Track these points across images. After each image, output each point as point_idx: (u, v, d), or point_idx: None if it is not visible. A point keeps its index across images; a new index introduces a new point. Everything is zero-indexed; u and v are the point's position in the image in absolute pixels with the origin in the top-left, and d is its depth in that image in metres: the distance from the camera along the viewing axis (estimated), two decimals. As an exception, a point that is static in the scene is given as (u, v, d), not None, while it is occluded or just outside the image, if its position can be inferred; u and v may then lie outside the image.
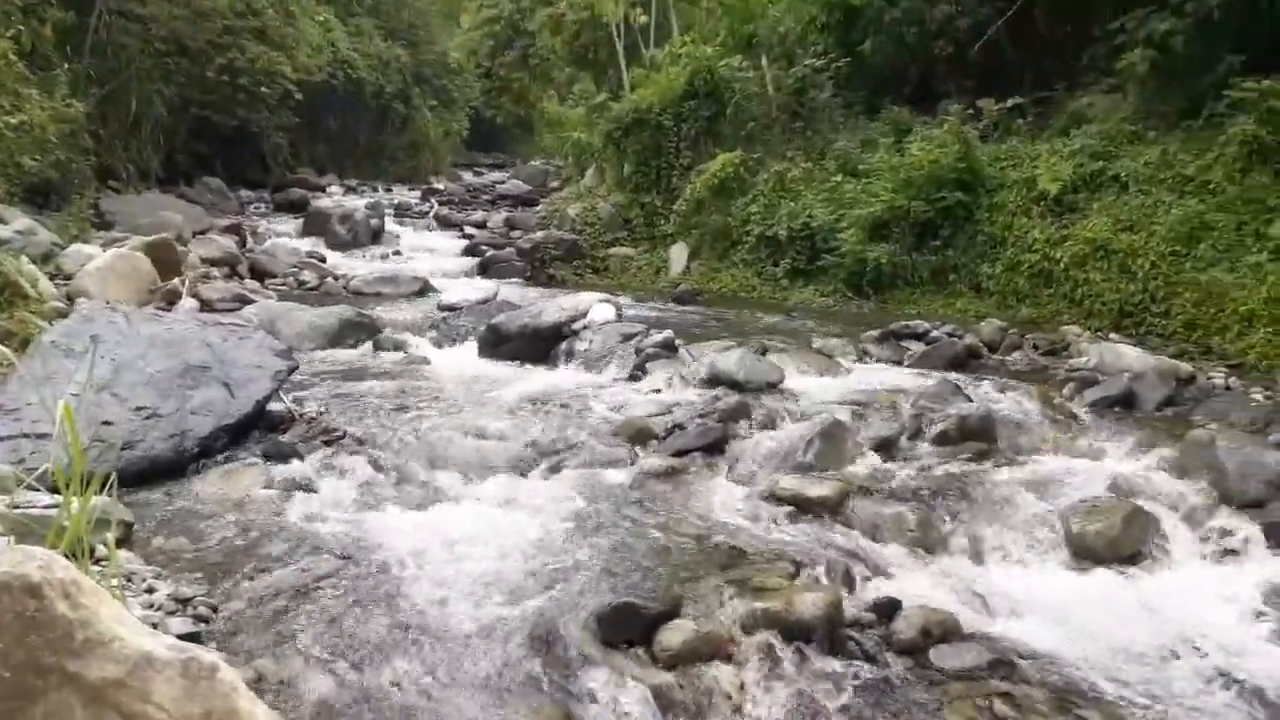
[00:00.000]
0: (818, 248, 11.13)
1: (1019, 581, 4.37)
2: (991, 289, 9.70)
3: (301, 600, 3.55)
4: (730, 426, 5.80)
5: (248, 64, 18.92)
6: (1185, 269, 8.22)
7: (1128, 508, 4.70)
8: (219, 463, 5.00)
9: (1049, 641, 3.85)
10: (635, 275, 12.97)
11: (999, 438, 5.66)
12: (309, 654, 3.18)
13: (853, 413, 5.98)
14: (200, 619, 3.31)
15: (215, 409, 5.20)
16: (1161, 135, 9.59)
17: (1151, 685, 3.59)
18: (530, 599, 3.69)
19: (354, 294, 10.91)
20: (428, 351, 7.84)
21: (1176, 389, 6.52)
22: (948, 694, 3.43)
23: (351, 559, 3.92)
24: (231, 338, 5.89)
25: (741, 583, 3.91)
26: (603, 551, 4.18)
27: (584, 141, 16.63)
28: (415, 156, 28.90)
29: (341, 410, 5.92)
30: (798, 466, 5.32)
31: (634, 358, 7.20)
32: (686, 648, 3.44)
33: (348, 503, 4.63)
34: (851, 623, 3.77)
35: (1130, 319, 8.48)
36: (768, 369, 6.72)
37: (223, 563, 3.84)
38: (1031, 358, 7.77)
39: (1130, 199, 9.07)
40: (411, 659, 3.24)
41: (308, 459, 5.08)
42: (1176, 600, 4.26)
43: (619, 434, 5.71)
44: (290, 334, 7.58)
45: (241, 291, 9.75)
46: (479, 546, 4.15)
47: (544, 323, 7.78)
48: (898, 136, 11.70)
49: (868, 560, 4.41)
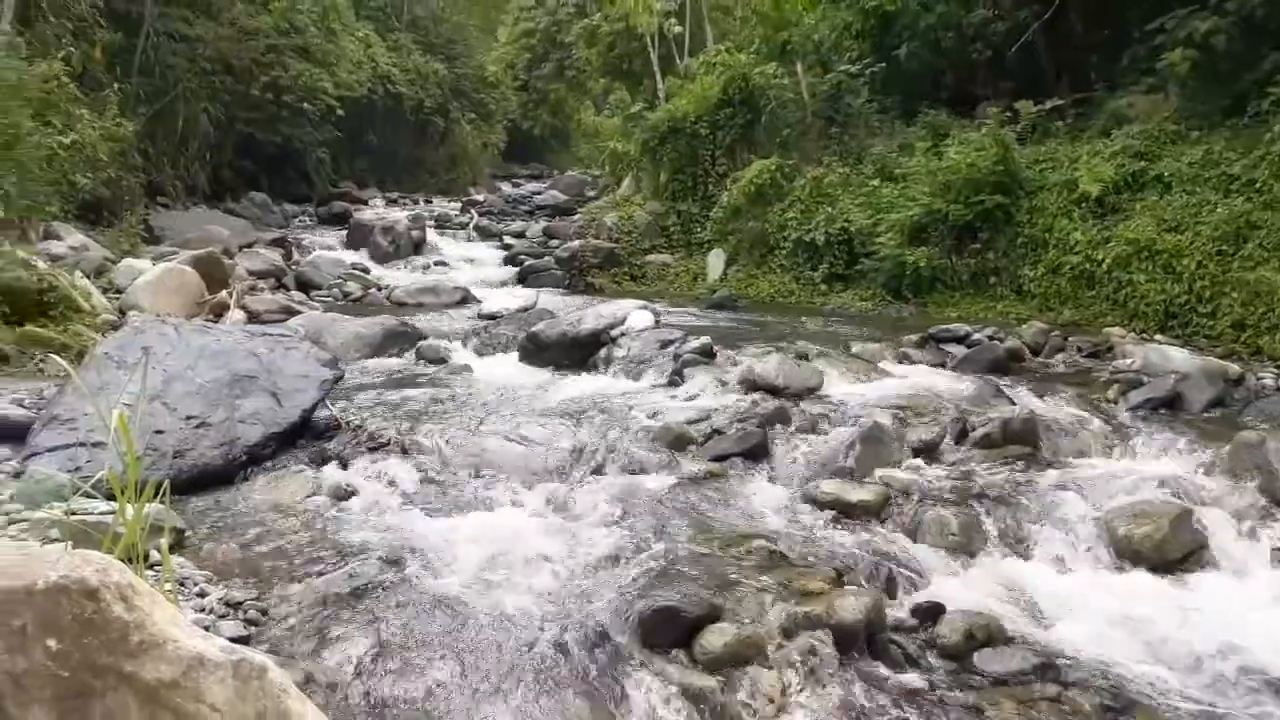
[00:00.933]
0: (855, 252, 11.09)
1: (1064, 585, 4.33)
2: (1033, 291, 9.61)
3: (349, 604, 3.61)
4: (770, 431, 5.81)
5: (291, 81, 19.27)
6: (1232, 268, 8.08)
7: (1175, 511, 4.64)
8: (267, 470, 5.11)
9: (1095, 646, 3.81)
10: (673, 282, 13.00)
11: (1042, 441, 5.61)
12: (356, 657, 3.24)
13: (894, 417, 5.95)
14: (251, 622, 3.39)
15: (263, 418, 5.31)
16: (1205, 134, 9.45)
17: (1200, 691, 3.54)
18: (572, 602, 3.73)
19: (397, 304, 11.05)
20: (469, 359, 7.93)
21: (1224, 390, 6.42)
22: (992, 698, 3.41)
23: (397, 564, 3.98)
24: (278, 348, 6.01)
25: (783, 586, 3.91)
26: (643, 556, 4.20)
27: (620, 151, 16.71)
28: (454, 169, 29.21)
29: (386, 418, 6.00)
30: (838, 471, 5.31)
31: (672, 364, 7.22)
32: (728, 651, 3.45)
33: (393, 508, 4.70)
34: (894, 627, 3.76)
35: (1176, 320, 8.36)
36: (807, 374, 6.71)
37: (272, 568, 3.92)
38: (1075, 360, 7.68)
39: (1174, 199, 8.94)
40: (456, 661, 3.28)
41: (353, 466, 5.17)
42: (1225, 604, 4.19)
43: (658, 439, 5.73)
44: (335, 344, 7.71)
45: (287, 303, 9.92)
46: (521, 551, 4.19)
47: (583, 330, 7.83)
48: (935, 140, 11.63)
49: (910, 564, 4.39)
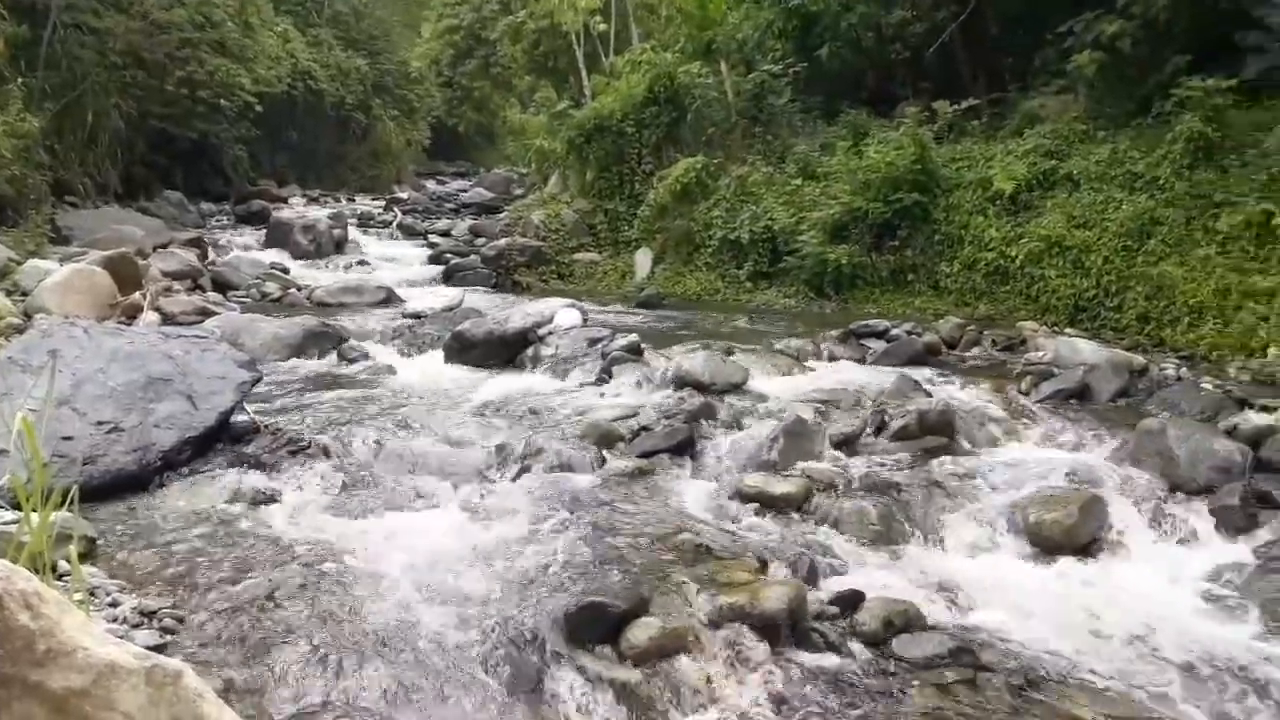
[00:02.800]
0: (779, 250, 11.24)
1: (978, 571, 4.47)
2: (949, 287, 9.86)
3: (269, 610, 3.55)
4: (696, 427, 5.87)
5: (206, 76, 18.77)
6: (1137, 264, 8.41)
7: (1083, 497, 4.82)
8: (184, 475, 4.98)
9: (1008, 629, 3.94)
10: (601, 280, 13.01)
11: (958, 431, 5.77)
12: (277, 663, 3.19)
13: (816, 411, 6.07)
14: (167, 630, 3.31)
15: (179, 421, 5.18)
16: (1111, 134, 9.81)
17: (1107, 668, 3.68)
18: (498, 602, 3.72)
19: (318, 304, 10.85)
20: (393, 360, 7.83)
21: (1130, 380, 6.67)
22: (910, 683, 3.51)
23: (318, 568, 3.92)
24: (194, 350, 5.86)
25: (708, 579, 3.97)
26: (570, 553, 4.21)
27: (547, 149, 16.66)
28: (378, 166, 28.78)
29: (307, 420, 5.91)
30: (762, 464, 5.39)
31: (600, 362, 7.24)
32: (654, 644, 3.48)
33: (314, 512, 4.63)
34: (816, 615, 3.84)
35: (1085, 314, 8.66)
36: (732, 370, 6.80)
37: (189, 575, 3.83)
38: (989, 353, 7.91)
39: (1083, 196, 9.27)
40: (381, 664, 3.25)
41: (273, 469, 5.08)
42: (1131, 586, 4.38)
43: (585, 437, 5.75)
44: (254, 345, 7.54)
45: (204, 304, 9.67)
46: (446, 551, 4.17)
47: (510, 329, 7.80)
48: (855, 139, 11.85)
49: (831, 554, 4.49)
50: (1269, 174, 7.98)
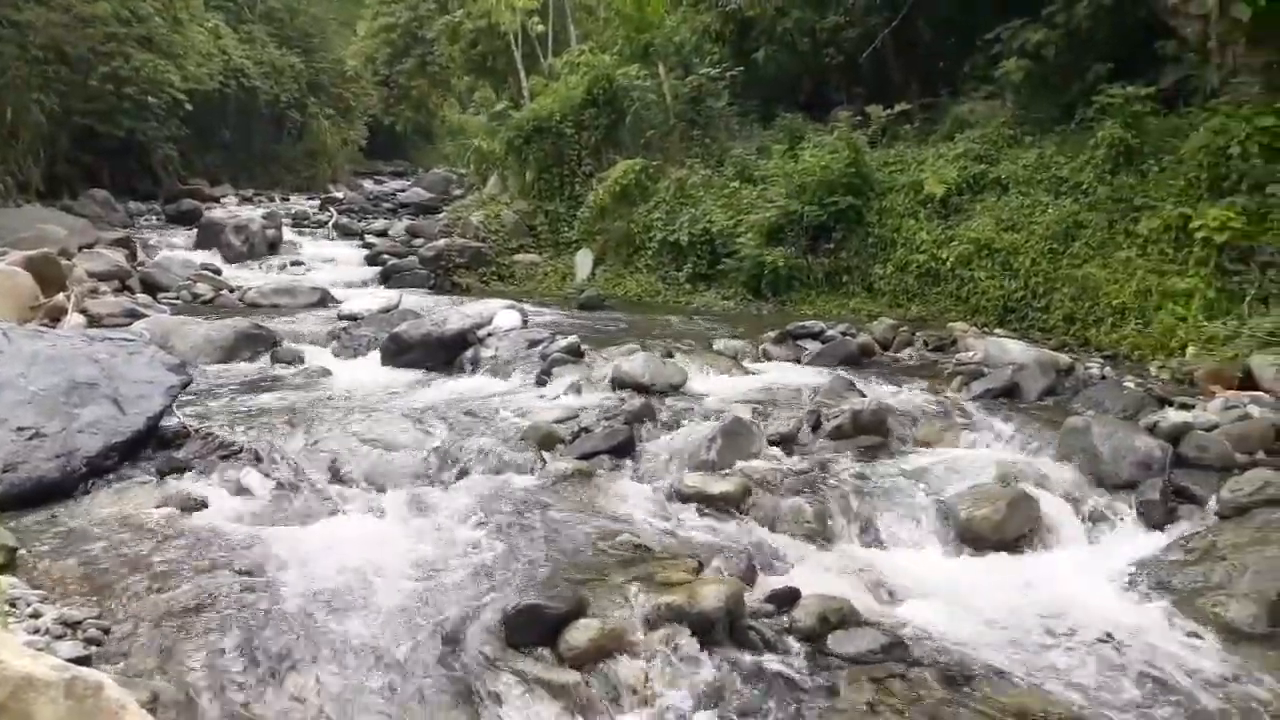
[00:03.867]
0: (718, 252, 11.33)
1: (911, 568, 4.56)
2: (883, 289, 10.04)
3: (199, 619, 3.47)
4: (636, 428, 5.89)
5: (133, 72, 18.29)
6: (1062, 266, 8.66)
7: (1012, 493, 4.95)
8: (110, 482, 4.85)
9: (940, 624, 4.03)
10: (541, 282, 12.98)
11: (891, 430, 5.89)
12: (207, 673, 3.13)
13: (753, 411, 6.14)
14: (92, 641, 3.22)
15: (104, 427, 5.04)
16: (1038, 139, 10.08)
17: (1034, 660, 3.80)
18: (435, 606, 3.70)
19: (251, 306, 10.64)
20: (328, 362, 7.72)
21: (1057, 379, 6.86)
22: (845, 679, 3.57)
23: (251, 575, 3.85)
24: (121, 353, 5.71)
25: (646, 579, 3.99)
26: (509, 556, 4.21)
27: (485, 149, 16.56)
28: (313, 165, 28.31)
29: (239, 425, 5.79)
30: (701, 464, 5.44)
31: (540, 363, 7.23)
32: (592, 645, 3.49)
33: (246, 518, 4.54)
34: (753, 613, 3.88)
35: (1014, 314, 8.89)
36: (672, 371, 6.84)
37: (115, 584, 3.73)
38: (922, 354, 8.07)
39: (1011, 200, 9.51)
40: (315, 673, 3.21)
41: (204, 475, 4.97)
42: (1057, 579, 4.52)
43: (525, 439, 5.73)
44: (184, 348, 7.38)
45: (132, 306, 9.42)
46: (382, 557, 4.12)
47: (448, 330, 7.74)
48: (791, 143, 12.00)
49: (768, 552, 4.55)
50: (1185, 179, 8.28)
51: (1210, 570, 4.32)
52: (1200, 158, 8.15)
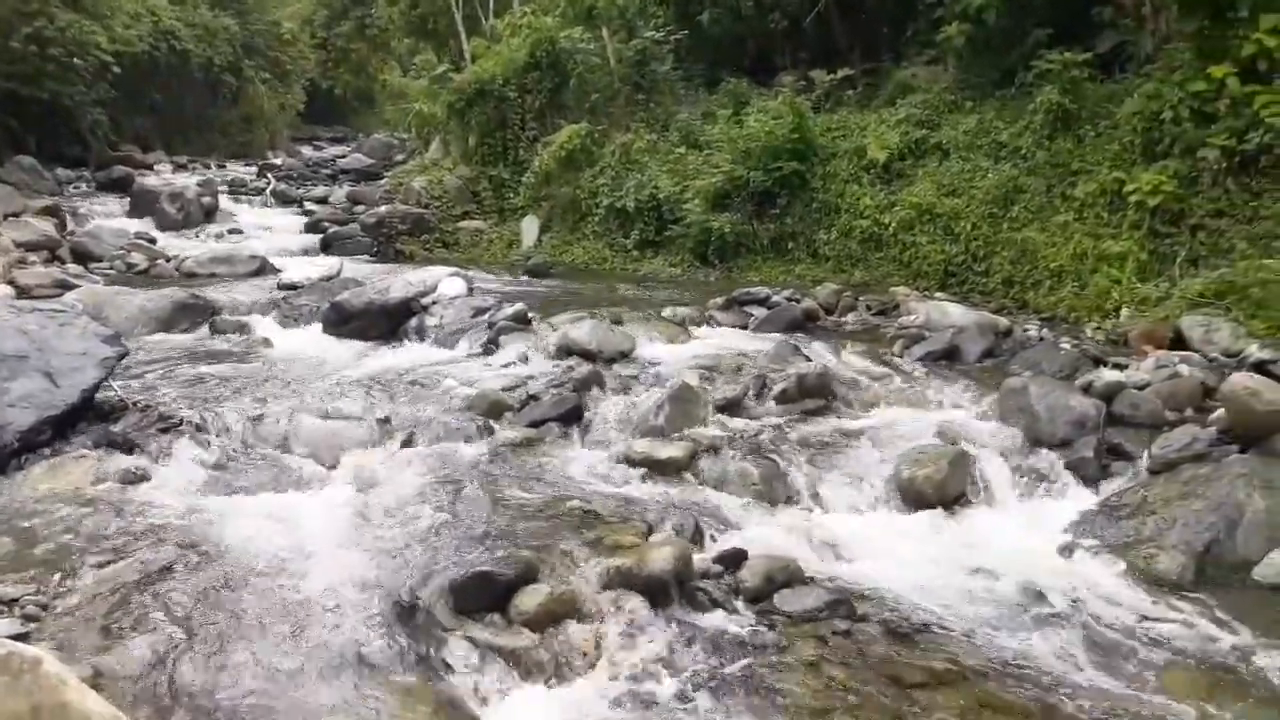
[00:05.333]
0: (665, 218, 11.30)
1: (855, 527, 4.66)
2: (827, 254, 10.10)
3: (141, 593, 3.43)
4: (584, 395, 5.90)
5: (57, 33, 17.59)
6: (1002, 230, 8.79)
7: (952, 453, 5.07)
8: (45, 457, 4.73)
9: (883, 581, 4.13)
10: (487, 249, 12.84)
11: (835, 394, 5.97)
12: (151, 647, 3.08)
13: (701, 376, 6.18)
14: (30, 618, 3.16)
15: (36, 400, 4.91)
16: (978, 104, 10.18)
17: (973, 613, 3.91)
18: (384, 576, 3.69)
19: (187, 276, 10.38)
20: (269, 332, 7.58)
21: (996, 341, 7.00)
22: (791, 636, 3.65)
23: (194, 548, 3.80)
24: (51, 325, 5.55)
25: (596, 543, 4.03)
26: (458, 524, 4.21)
27: (427, 113, 16.26)
28: (249, 131, 27.56)
29: (179, 397, 5.68)
30: (650, 430, 5.47)
31: (487, 332, 7.18)
32: (542, 610, 3.52)
33: (188, 491, 4.48)
34: (701, 574, 3.94)
35: (954, 278, 9.02)
36: (620, 338, 6.85)
37: (53, 560, 3.66)
38: (865, 318, 8.17)
39: (952, 165, 9.61)
40: (261, 644, 3.19)
41: (143, 448, 4.88)
42: (995, 535, 4.65)
43: (473, 408, 5.72)
44: (119, 319, 7.19)
45: (63, 277, 9.15)
46: (328, 528, 4.10)
47: (391, 299, 7.64)
48: (736, 108, 11.97)
49: (716, 515, 4.61)
50: (1120, 144, 8.43)
51: (1141, 524, 4.48)
52: (1135, 123, 8.30)
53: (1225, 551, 4.22)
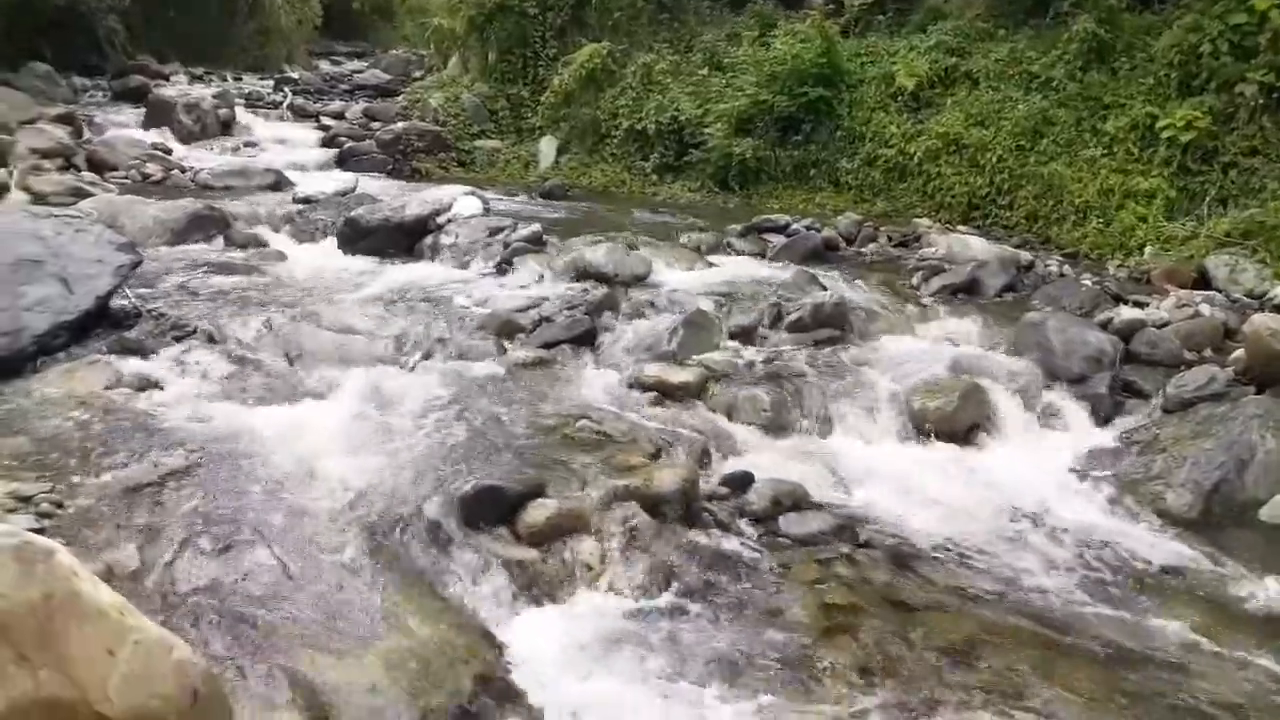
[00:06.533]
0: (685, 142, 11.12)
1: (863, 456, 4.66)
2: (850, 183, 9.95)
3: (153, 495, 3.47)
4: (598, 318, 5.87)
5: (72, -63, 17.26)
6: (1029, 163, 8.62)
7: (965, 385, 5.04)
8: (60, 361, 4.74)
9: (888, 509, 4.15)
10: (503, 169, 12.68)
11: (851, 324, 5.92)
12: (161, 549, 3.13)
13: (716, 303, 6.14)
14: (44, 515, 3.21)
15: (52, 305, 4.91)
16: (1010, 33, 9.90)
17: (977, 544, 3.93)
18: (393, 485, 3.72)
19: (203, 187, 10.29)
20: (284, 246, 7.53)
21: (1016, 276, 6.93)
22: (794, 558, 3.68)
23: (206, 453, 3.84)
24: (67, 230, 5.53)
25: (604, 463, 4.05)
26: (468, 440, 4.22)
27: (446, 28, 15.93)
28: (266, 44, 27.11)
29: (193, 307, 5.68)
30: (662, 355, 5.45)
31: (501, 252, 7.12)
32: (550, 524, 3.56)
33: (201, 399, 4.49)
34: (708, 496, 3.97)
35: (978, 211, 8.88)
36: (636, 262, 6.78)
37: (68, 461, 3.70)
38: (885, 249, 8.07)
39: (981, 95, 9.39)
40: (273, 548, 3.23)
41: (157, 356, 4.89)
42: (1005, 468, 4.64)
43: (486, 328, 5.69)
44: (134, 229, 7.14)
45: (78, 185, 9.06)
46: (340, 439, 4.12)
47: (407, 216, 7.57)
48: (762, 30, 11.68)
49: (724, 440, 4.62)
50: (1155, 78, 8.21)
51: (1151, 461, 4.47)
52: (1171, 56, 8.07)
53: (1234, 491, 4.22)
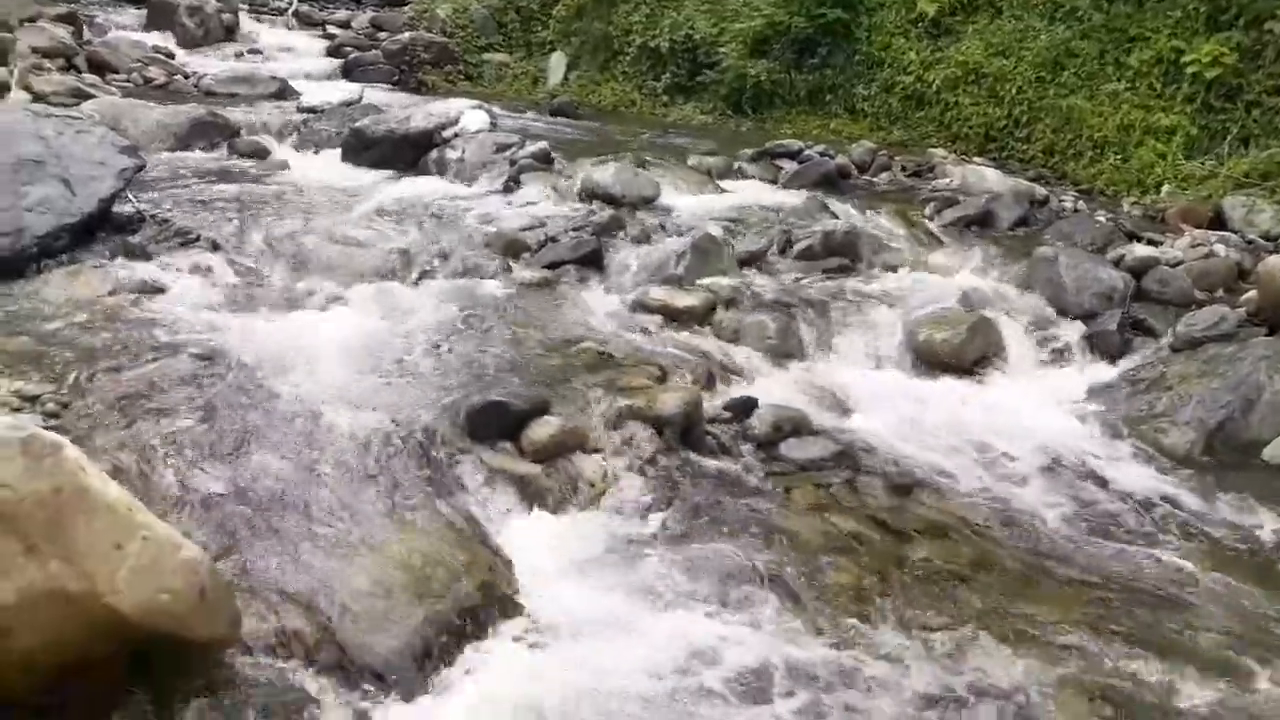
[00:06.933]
0: (699, 62, 10.88)
1: (868, 385, 4.66)
2: (865, 110, 9.75)
3: (159, 399, 3.47)
4: (604, 240, 5.79)
5: None
6: (1049, 95, 8.43)
7: (973, 318, 5.01)
8: (63, 264, 4.71)
9: (891, 438, 4.16)
10: (511, 84, 12.44)
11: (860, 253, 5.85)
12: (167, 450, 3.14)
13: (724, 228, 6.06)
14: (51, 415, 3.21)
15: (54, 206, 4.86)
16: (1038, -42, 9.60)
17: (978, 475, 3.95)
18: (397, 400, 3.72)
19: (206, 94, 10.12)
20: (288, 155, 7.42)
21: (1030, 210, 6.83)
22: (794, 482, 3.71)
23: (211, 360, 3.82)
24: (68, 131, 5.44)
25: (608, 384, 4.04)
26: (472, 357, 4.22)
27: (455, -65, 15.49)
28: (271, -53, 26.47)
29: (196, 214, 5.61)
30: (668, 279, 5.40)
31: (508, 169, 7.01)
32: (553, 441, 3.57)
33: (205, 306, 4.47)
34: (710, 420, 3.98)
35: (994, 143, 8.72)
36: (644, 184, 6.68)
37: (73, 363, 3.69)
38: (898, 178, 7.94)
39: (1004, 23, 9.13)
40: (276, 454, 3.25)
41: (161, 261, 4.86)
42: (1010, 402, 4.65)
43: (491, 246, 5.64)
44: (137, 133, 7.02)
45: (79, 86, 8.91)
46: (344, 350, 4.11)
47: (412, 128, 7.44)
48: (782, -53, 11.34)
49: (729, 365, 4.61)
50: (1183, 10, 7.97)
51: (1156, 399, 4.46)
52: (1200, -12, 7.85)
53: (1238, 430, 4.22)
